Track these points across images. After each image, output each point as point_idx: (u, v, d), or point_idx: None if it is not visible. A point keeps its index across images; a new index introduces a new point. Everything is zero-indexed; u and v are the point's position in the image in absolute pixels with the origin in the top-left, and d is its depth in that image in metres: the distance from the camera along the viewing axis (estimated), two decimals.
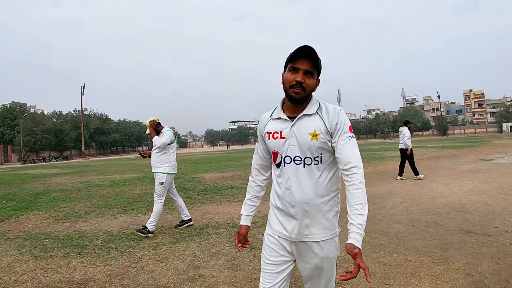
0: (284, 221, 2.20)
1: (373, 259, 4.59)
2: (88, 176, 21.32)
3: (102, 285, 4.38)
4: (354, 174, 2.04)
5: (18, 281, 4.67)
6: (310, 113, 2.14)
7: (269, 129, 2.26)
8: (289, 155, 2.14)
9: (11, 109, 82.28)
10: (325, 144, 2.10)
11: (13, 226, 8.06)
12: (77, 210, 9.66)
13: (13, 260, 5.52)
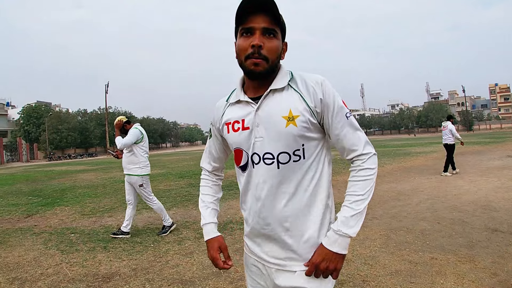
0: (260, 241, 1.68)
1: (399, 257, 4.50)
2: (113, 172, 21.63)
3: (127, 279, 4.40)
4: (363, 163, 1.55)
5: (44, 274, 4.74)
6: (280, 86, 1.56)
7: (227, 119, 1.69)
8: (257, 152, 1.58)
9: (37, 108, 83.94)
10: (308, 130, 1.54)
11: (39, 221, 8.22)
12: (102, 205, 9.79)
13: (39, 254, 5.62)
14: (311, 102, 1.54)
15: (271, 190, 1.56)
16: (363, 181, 1.54)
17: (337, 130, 1.56)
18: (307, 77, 1.58)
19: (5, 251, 5.90)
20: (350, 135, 1.56)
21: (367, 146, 1.57)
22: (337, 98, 1.57)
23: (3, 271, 4.94)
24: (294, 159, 1.54)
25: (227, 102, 1.72)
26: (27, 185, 16.82)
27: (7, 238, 6.75)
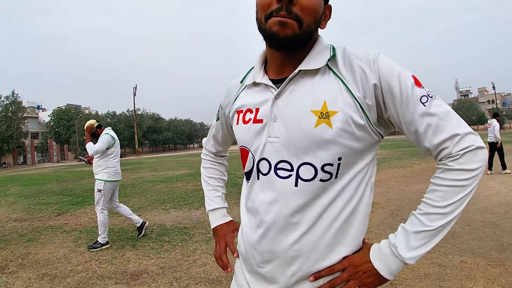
0: (252, 281, 1.22)
1: (428, 260, 4.39)
2: (142, 172, 21.86)
3: (155, 277, 4.43)
4: (453, 161, 1.01)
5: (74, 271, 4.82)
6: (314, 67, 1.08)
7: (239, 105, 1.25)
8: (268, 157, 1.12)
9: (67, 110, 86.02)
10: (351, 136, 1.05)
11: (69, 220, 8.40)
12: (131, 205, 9.88)
13: (69, 252, 5.72)
14: (357, 91, 1.04)
15: (281, 216, 1.10)
16: (449, 187, 1.02)
17: (412, 126, 1.05)
18: (352, 54, 1.08)
19: (35, 248, 6.03)
20: (434, 128, 1.02)
21: (465, 138, 1.01)
22: (403, 78, 1.03)
23: (33, 267, 5.05)
24: (322, 177, 1.06)
25: (242, 83, 1.27)
26: (58, 185, 17.22)
27: (38, 236, 6.91)
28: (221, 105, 1.41)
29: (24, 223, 8.31)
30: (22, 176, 27.21)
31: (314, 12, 1.04)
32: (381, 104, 1.06)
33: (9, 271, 4.99)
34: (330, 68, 1.08)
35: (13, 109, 63.55)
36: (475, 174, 1.01)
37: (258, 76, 1.17)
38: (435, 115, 1.01)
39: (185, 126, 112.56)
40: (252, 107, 1.18)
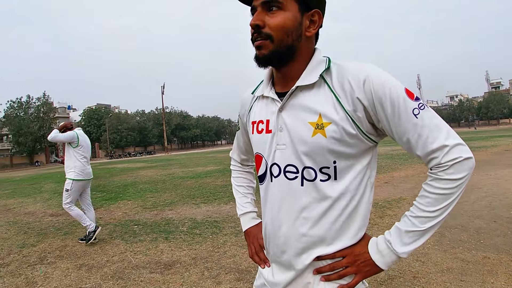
0: (275, 268, 1.37)
1: (451, 255, 4.41)
2: (171, 169, 22.24)
3: (188, 267, 4.60)
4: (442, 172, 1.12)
5: (110, 261, 5.04)
6: (309, 82, 1.20)
7: (253, 116, 1.40)
8: (278, 162, 1.27)
9: (97, 110, 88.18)
10: (342, 144, 1.18)
11: (104, 214, 8.70)
12: (163, 200, 10.16)
13: (105, 244, 5.98)
14: (348, 105, 1.16)
15: (291, 212, 1.25)
16: (437, 195, 1.13)
17: (404, 137, 1.15)
18: (345, 70, 1.18)
19: (72, 241, 6.32)
20: (424, 139, 1.12)
21: (454, 149, 1.11)
22: (394, 93, 1.12)
23: (71, 258, 5.30)
24: (322, 178, 1.20)
25: (253, 94, 1.42)
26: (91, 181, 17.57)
27: (74, 229, 7.22)
28: (239, 115, 1.57)
29: (60, 218, 8.67)
30: (55, 174, 28.01)
31: (282, 27, 1.17)
32: (373, 117, 1.17)
33: (47, 261, 5.26)
34: (325, 81, 1.21)
35: (45, 110, 65.55)
36: (461, 182, 1.12)
37: (266, 90, 1.32)
38: (426, 126, 1.12)
39: (212, 123, 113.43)
40: (263, 119, 1.33)
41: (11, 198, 13.76)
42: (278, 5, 1.16)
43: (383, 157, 17.63)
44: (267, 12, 1.18)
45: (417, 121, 1.11)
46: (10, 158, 67.89)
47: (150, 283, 4.20)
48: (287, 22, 1.17)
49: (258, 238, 1.53)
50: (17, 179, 26.25)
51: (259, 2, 1.18)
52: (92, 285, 4.26)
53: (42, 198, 12.87)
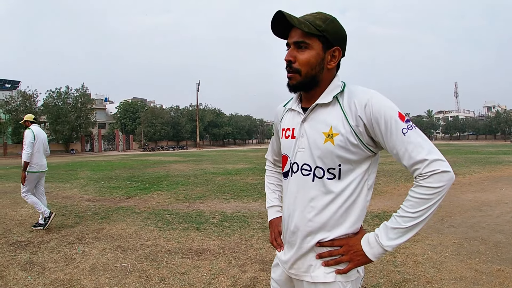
0: (287, 249, 1.70)
1: (467, 265, 4.47)
2: (203, 164, 22.65)
3: (216, 255, 4.87)
4: (423, 180, 1.40)
5: (144, 245, 5.35)
6: (325, 102, 1.53)
7: (284, 124, 1.74)
8: (297, 161, 1.60)
9: (133, 103, 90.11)
10: (346, 151, 1.49)
11: (138, 203, 9.09)
12: (194, 193, 10.49)
13: (140, 229, 6.31)
14: (352, 121, 1.48)
15: (303, 201, 1.57)
16: (417, 199, 1.41)
17: (394, 150, 1.45)
18: (353, 94, 1.51)
19: (109, 225, 6.68)
20: (409, 152, 1.42)
21: (433, 163, 1.39)
22: (388, 115, 1.44)
23: (107, 240, 5.65)
24: (328, 176, 1.52)
25: (285, 107, 1.77)
26: (125, 172, 18.40)
27: (110, 214, 7.60)
28: (274, 123, 1.92)
29: (97, 203, 9.11)
30: (90, 162, 28.92)
31: (307, 63, 1.52)
32: (371, 132, 1.49)
33: (85, 241, 5.62)
34: (338, 101, 1.54)
35: (83, 101, 67.26)
36: (439, 190, 1.39)
37: (294, 105, 1.68)
38: (412, 143, 1.41)
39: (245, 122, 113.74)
40: (290, 127, 1.68)
41: (48, 182, 14.30)
42: (306, 45, 1.51)
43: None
44: (297, 50, 1.52)
45: (404, 139, 1.42)
46: None
47: (181, 267, 4.48)
48: (312, 59, 1.52)
49: (278, 227, 1.85)
50: (54, 165, 27.08)
51: (292, 41, 1.52)
52: (128, 265, 4.56)
53: (79, 184, 13.46)
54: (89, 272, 4.35)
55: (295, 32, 1.51)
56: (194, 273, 4.29)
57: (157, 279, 4.13)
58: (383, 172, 14.80)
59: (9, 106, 60.44)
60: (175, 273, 4.28)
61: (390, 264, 4.44)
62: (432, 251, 4.92)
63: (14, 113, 60.30)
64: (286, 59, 1.53)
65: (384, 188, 10.57)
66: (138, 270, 4.40)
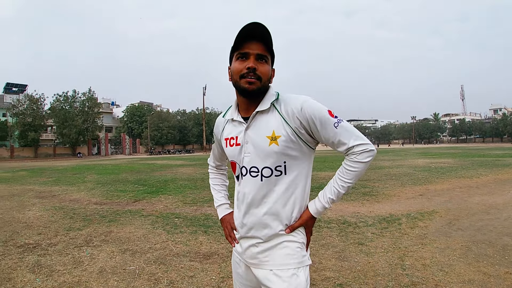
0: (242, 242, 1.88)
1: (475, 268, 4.42)
2: None
3: (225, 259, 4.86)
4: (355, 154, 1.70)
5: (152, 248, 5.35)
6: (264, 108, 1.74)
7: (226, 134, 1.92)
8: (245, 165, 1.79)
9: (139, 107, 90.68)
10: (290, 149, 1.72)
11: (146, 206, 9.11)
12: (202, 196, 10.49)
13: (148, 232, 6.31)
14: (292, 124, 1.70)
15: (256, 199, 1.76)
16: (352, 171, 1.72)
17: (330, 140, 1.72)
18: (288, 101, 1.74)
19: (116, 228, 6.69)
20: (342, 140, 1.70)
21: (361, 145, 1.70)
22: (321, 114, 1.69)
23: (115, 243, 5.65)
24: (276, 174, 1.73)
25: (224, 118, 1.95)
26: (132, 175, 18.43)
27: (118, 218, 7.61)
28: (214, 132, 2.08)
29: (104, 207, 9.13)
30: (97, 166, 29.06)
31: (267, 74, 1.73)
32: (309, 131, 1.72)
33: (93, 244, 5.63)
34: (275, 107, 1.75)
35: (89, 105, 67.93)
36: (367, 163, 1.72)
37: (234, 115, 1.85)
38: (342, 133, 1.70)
39: None
40: (233, 136, 1.84)
41: (56, 185, 14.48)
42: (266, 59, 1.72)
43: (420, 169, 17.38)
44: (258, 61, 1.70)
45: (337, 130, 1.70)
46: (54, 148, 70.26)
47: (189, 270, 4.47)
48: (269, 72, 1.76)
49: (230, 223, 2.01)
50: (61, 168, 27.31)
51: (255, 52, 1.69)
52: (136, 268, 4.56)
53: (86, 187, 13.51)
54: (97, 275, 4.35)
55: (258, 46, 1.70)
56: (202, 276, 4.29)
57: (166, 282, 4.12)
58: (390, 176, 14.81)
59: (16, 109, 61.30)
60: (184, 276, 4.27)
61: (398, 268, 4.41)
62: (440, 254, 4.89)
63: (21, 116, 61.12)
64: (251, 66, 1.68)
65: (391, 192, 10.50)
66: (147, 273, 4.40)
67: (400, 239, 5.54)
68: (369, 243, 5.39)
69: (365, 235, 5.88)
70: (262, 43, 1.70)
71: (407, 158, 29.65)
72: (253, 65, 1.68)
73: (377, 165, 20.57)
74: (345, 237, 5.77)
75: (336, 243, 5.47)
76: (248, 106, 1.80)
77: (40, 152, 66.42)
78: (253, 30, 1.67)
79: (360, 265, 4.53)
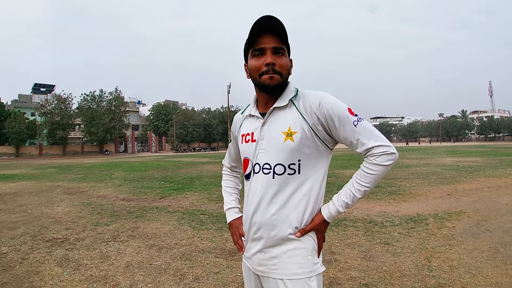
0: (250, 245, 1.78)
1: (503, 271, 4.28)
2: None
3: None
4: (375, 156, 1.61)
5: (178, 244, 5.37)
6: (282, 105, 1.69)
7: (243, 131, 1.86)
8: (259, 162, 1.72)
9: (165, 106, 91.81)
10: (305, 147, 1.65)
11: (172, 202, 9.17)
12: None
13: (174, 228, 6.34)
14: (310, 120, 1.64)
15: (266, 198, 1.67)
16: (371, 174, 1.63)
17: (348, 139, 1.64)
18: (307, 97, 1.69)
19: (143, 224, 6.74)
20: (361, 140, 1.62)
21: (382, 146, 1.61)
22: (340, 111, 1.62)
23: (142, 239, 5.69)
24: (289, 172, 1.64)
25: (243, 114, 1.90)
26: (158, 172, 18.64)
27: (145, 214, 7.67)
28: (231, 130, 2.03)
29: (131, 203, 9.23)
30: (124, 163, 29.46)
31: (286, 67, 1.67)
32: (327, 128, 1.65)
33: (120, 240, 5.68)
34: (294, 103, 1.69)
35: (116, 104, 69.21)
36: (385, 163, 1.60)
37: (252, 110, 1.81)
38: (362, 132, 1.62)
39: None
40: (249, 132, 1.79)
41: (84, 182, 14.71)
42: (283, 51, 1.66)
43: (448, 168, 16.98)
44: (275, 55, 1.64)
45: (356, 129, 1.62)
46: (81, 146, 71.78)
47: (215, 266, 4.45)
48: (288, 64, 1.70)
49: (239, 229, 1.93)
50: (88, 165, 27.76)
51: (271, 46, 1.64)
52: (162, 263, 4.57)
53: (113, 184, 13.70)
54: (124, 270, 4.38)
55: (272, 39, 1.64)
56: (228, 273, 4.27)
57: (191, 277, 4.12)
58: (417, 175, 14.48)
59: (44, 109, 62.98)
60: (209, 273, 4.26)
61: (425, 269, 4.30)
62: (468, 256, 4.76)
63: (49, 115, 62.55)
64: (269, 61, 1.62)
65: (419, 191, 10.27)
66: (173, 268, 4.41)
67: (427, 240, 5.41)
68: (396, 243, 5.28)
69: (392, 234, 5.77)
70: (276, 36, 1.64)
71: (434, 156, 29.06)
72: (271, 60, 1.62)
73: (403, 164, 20.24)
74: (371, 236, 5.67)
75: (362, 243, 5.38)
76: (267, 102, 1.75)
77: (68, 150, 68.07)
78: (265, 24, 1.62)
79: (386, 265, 4.44)
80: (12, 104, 74.04)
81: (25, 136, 61.24)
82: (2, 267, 4.58)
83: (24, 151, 63.35)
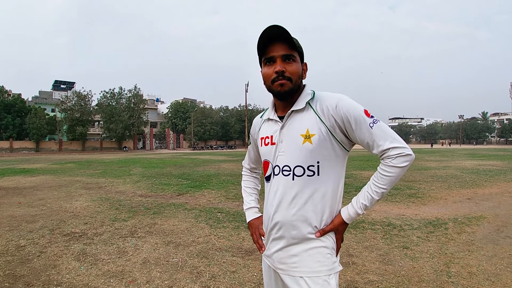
0: (270, 244, 1.83)
1: None
2: None
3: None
4: (391, 158, 1.63)
5: (195, 242, 5.35)
6: (299, 107, 1.73)
7: (262, 134, 1.91)
8: (279, 164, 1.76)
9: (183, 104, 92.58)
10: (323, 149, 1.68)
11: (189, 200, 9.18)
12: None
13: (191, 226, 6.33)
14: (327, 122, 1.67)
15: (286, 199, 1.71)
16: (387, 176, 1.65)
17: (364, 141, 1.66)
18: (323, 99, 1.72)
19: (161, 220, 6.75)
20: (377, 142, 1.64)
21: (398, 148, 1.62)
22: (356, 113, 1.65)
23: (159, 235, 5.69)
24: (308, 173, 1.68)
25: (261, 118, 1.95)
26: (176, 169, 18.72)
27: (162, 210, 7.68)
28: (250, 133, 2.10)
29: (149, 199, 9.26)
30: (142, 159, 29.66)
31: (296, 73, 1.71)
32: (344, 130, 1.68)
33: (138, 235, 5.68)
34: (311, 106, 1.73)
35: (135, 101, 70.05)
36: (402, 165, 1.62)
37: (271, 114, 1.85)
38: (378, 134, 1.64)
39: None
40: (269, 135, 1.83)
41: (102, 177, 14.83)
42: (293, 58, 1.69)
43: (468, 171, 16.68)
44: (285, 62, 1.68)
45: (372, 131, 1.64)
46: (100, 142, 72.62)
47: (231, 265, 4.42)
48: (299, 69, 1.72)
49: (259, 228, 1.97)
50: (107, 161, 28.03)
51: (280, 54, 1.68)
52: (179, 260, 4.55)
53: (131, 180, 13.78)
54: (141, 266, 4.38)
55: (281, 47, 1.68)
56: (244, 272, 4.23)
57: (208, 276, 4.10)
58: (436, 178, 14.24)
59: (64, 105, 64.09)
60: (226, 271, 4.23)
61: (444, 275, 4.20)
62: (487, 262, 4.64)
63: (69, 112, 63.50)
64: (278, 69, 1.67)
65: (438, 195, 10.08)
66: (189, 266, 4.39)
67: (446, 245, 5.29)
68: (414, 247, 5.17)
69: (410, 238, 5.67)
70: (284, 43, 1.68)
71: (454, 159, 28.68)
72: (280, 68, 1.67)
73: (423, 166, 19.97)
74: (389, 239, 5.57)
75: (380, 246, 5.29)
76: (285, 105, 1.79)
77: (87, 146, 69.01)
78: (272, 33, 1.66)
79: (405, 270, 4.35)
80: (32, 100, 75.64)
81: (45, 131, 62.48)
82: (20, 260, 4.61)
83: (44, 146, 64.50)
